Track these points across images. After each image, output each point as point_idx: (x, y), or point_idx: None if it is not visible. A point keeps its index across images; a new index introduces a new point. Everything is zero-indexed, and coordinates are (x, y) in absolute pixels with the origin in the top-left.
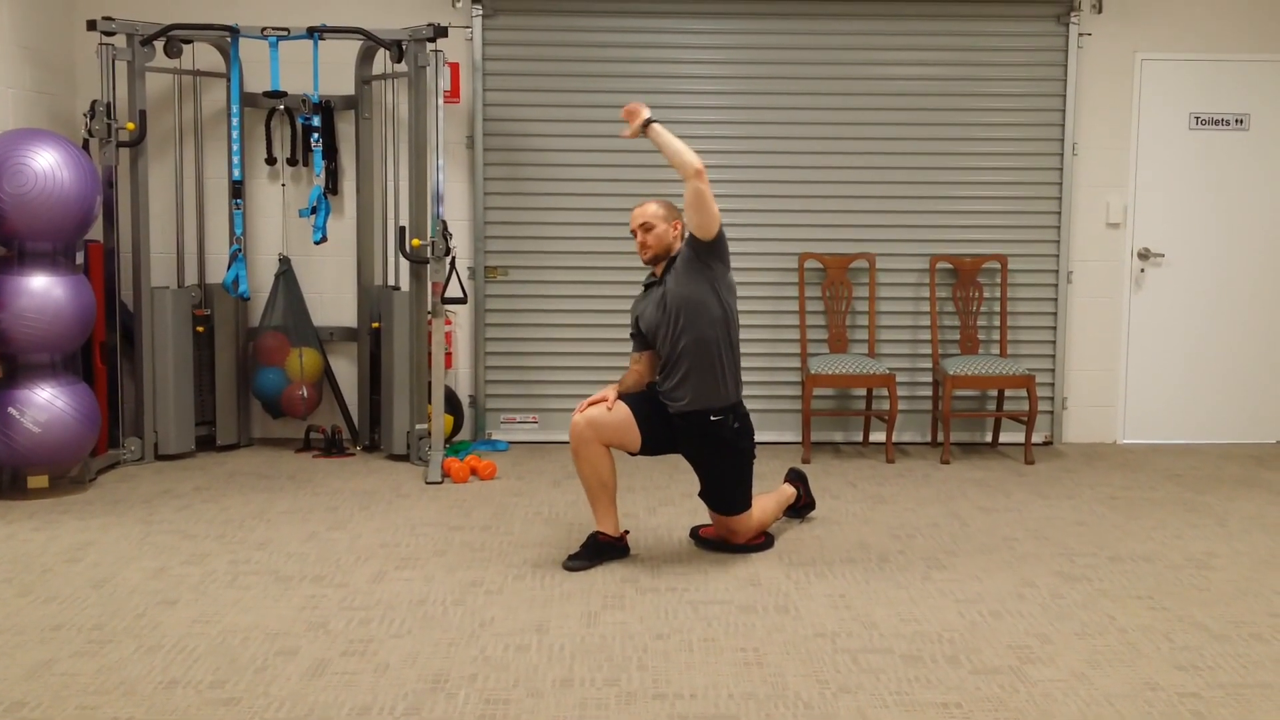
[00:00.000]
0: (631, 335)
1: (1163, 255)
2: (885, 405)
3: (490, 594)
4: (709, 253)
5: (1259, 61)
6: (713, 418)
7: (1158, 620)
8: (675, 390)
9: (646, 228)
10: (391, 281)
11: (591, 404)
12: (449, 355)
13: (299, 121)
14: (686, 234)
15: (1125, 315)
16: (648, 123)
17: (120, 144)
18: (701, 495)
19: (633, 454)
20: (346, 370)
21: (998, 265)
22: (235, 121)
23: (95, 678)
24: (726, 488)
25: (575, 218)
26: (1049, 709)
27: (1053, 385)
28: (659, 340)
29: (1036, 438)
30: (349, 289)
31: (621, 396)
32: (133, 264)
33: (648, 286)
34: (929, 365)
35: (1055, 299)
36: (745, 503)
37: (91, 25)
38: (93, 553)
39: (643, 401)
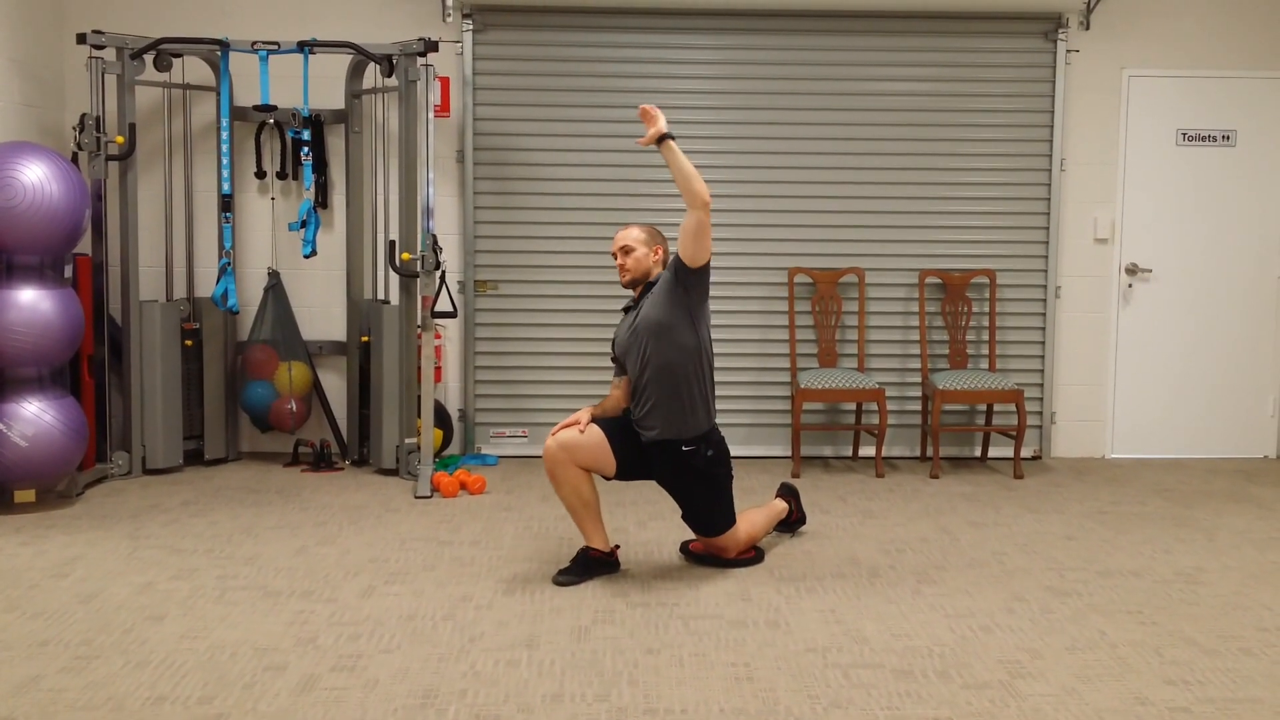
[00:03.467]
0: (612, 360)
1: (1150, 271)
2: (875, 420)
3: (480, 609)
4: (691, 279)
5: (1246, 78)
6: (684, 448)
7: (1147, 635)
8: (646, 419)
9: (626, 250)
10: (381, 295)
11: (564, 427)
12: (438, 369)
13: (289, 135)
14: (670, 259)
15: (1113, 330)
16: (664, 137)
17: (109, 157)
18: (684, 519)
19: (608, 478)
20: (335, 384)
21: (986, 280)
22: (225, 135)
23: (83, 693)
24: (704, 512)
25: (565, 232)
26: None
27: (1041, 400)
28: (630, 365)
29: (1025, 452)
30: (338, 303)
31: (596, 420)
32: (121, 277)
33: (626, 310)
34: (918, 380)
35: (1044, 314)
36: (727, 522)
37: (81, 39)
38: (80, 567)
39: (617, 426)
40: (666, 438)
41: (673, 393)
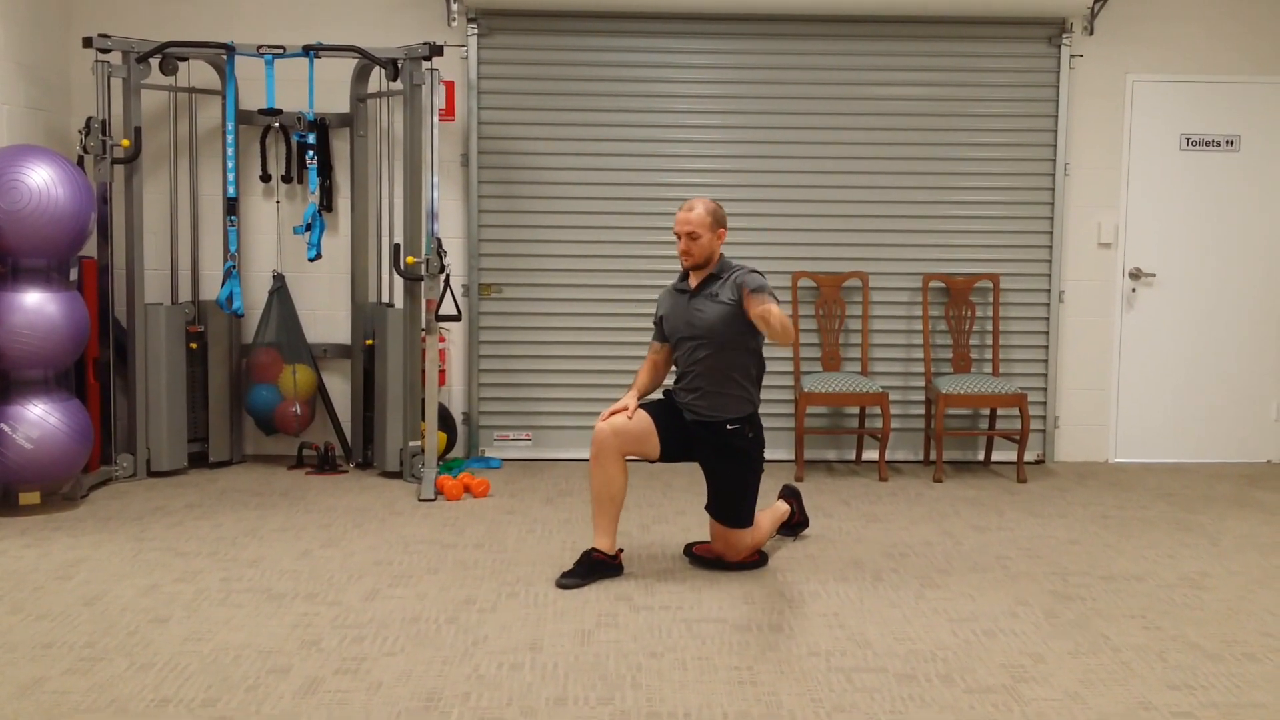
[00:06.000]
0: (654, 323)
1: (1154, 275)
2: (878, 423)
3: (483, 612)
4: (753, 328)
5: (1249, 83)
6: (729, 425)
7: (1151, 639)
8: (693, 400)
9: (693, 237)
10: (385, 298)
11: (614, 413)
12: (442, 372)
13: (294, 139)
14: (740, 279)
15: (1117, 334)
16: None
17: (115, 161)
18: (708, 507)
19: (653, 461)
20: (340, 387)
21: (990, 284)
22: (230, 139)
23: (86, 695)
24: (735, 498)
25: (569, 235)
26: None
27: (1045, 404)
28: (680, 349)
29: (1029, 456)
30: (343, 306)
31: (641, 405)
32: (127, 280)
33: (678, 290)
34: (922, 384)
35: (1047, 318)
36: (749, 517)
37: (87, 42)
38: (84, 570)
39: (661, 409)
40: (712, 416)
41: (722, 384)
